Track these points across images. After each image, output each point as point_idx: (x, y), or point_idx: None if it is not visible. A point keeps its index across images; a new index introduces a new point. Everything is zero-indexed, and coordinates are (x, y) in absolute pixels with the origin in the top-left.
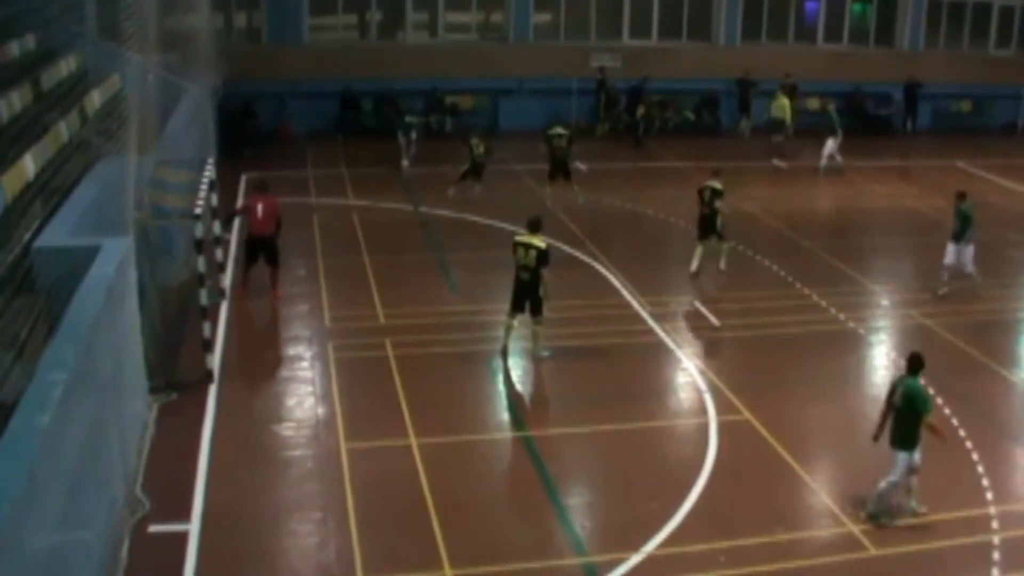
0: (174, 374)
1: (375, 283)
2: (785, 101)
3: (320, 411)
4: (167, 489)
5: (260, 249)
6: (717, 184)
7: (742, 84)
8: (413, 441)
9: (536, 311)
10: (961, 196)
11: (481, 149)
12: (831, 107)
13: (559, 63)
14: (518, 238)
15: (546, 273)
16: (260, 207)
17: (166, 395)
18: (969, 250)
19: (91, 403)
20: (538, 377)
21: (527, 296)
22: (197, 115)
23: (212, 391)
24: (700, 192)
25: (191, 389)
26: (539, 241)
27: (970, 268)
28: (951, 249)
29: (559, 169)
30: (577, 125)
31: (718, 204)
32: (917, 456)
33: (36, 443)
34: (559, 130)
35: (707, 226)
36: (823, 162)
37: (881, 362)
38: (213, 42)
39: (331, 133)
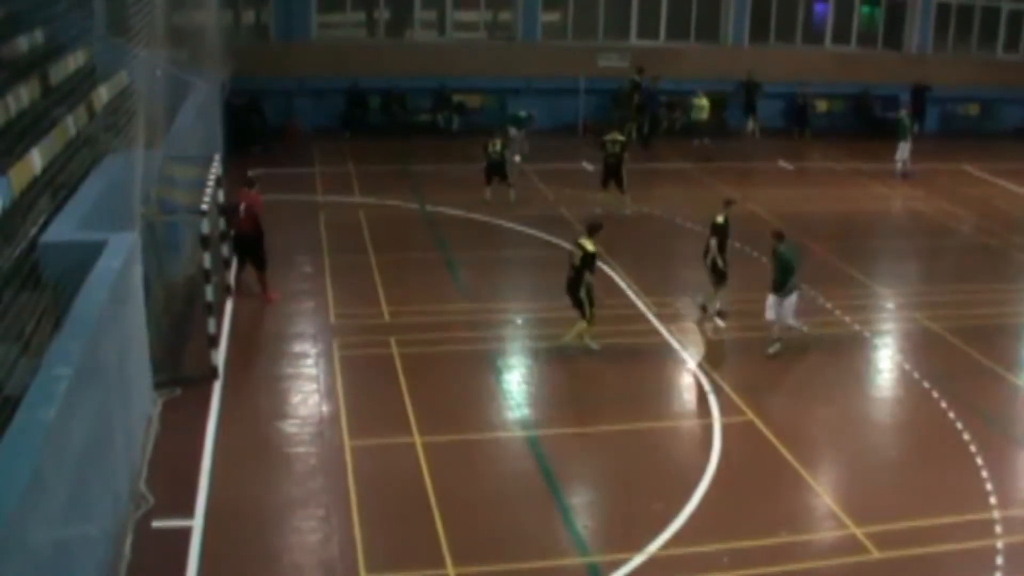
0: (179, 370)
1: (381, 281)
2: (704, 102)
3: (324, 408)
4: (171, 484)
5: (243, 247)
6: (720, 218)
7: (747, 86)
8: (417, 439)
9: (577, 307)
10: (778, 236)
11: (498, 147)
12: (902, 113)
13: (567, 63)
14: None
15: (588, 276)
16: (242, 205)
17: (171, 391)
18: (791, 300)
19: (96, 398)
20: (542, 377)
21: (570, 292)
22: (204, 111)
23: (217, 387)
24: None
25: (196, 385)
26: (589, 244)
27: (792, 321)
28: (771, 301)
29: (612, 176)
30: (587, 125)
31: (712, 242)
32: None
33: (41, 437)
34: (615, 136)
35: (713, 266)
36: (907, 167)
37: (886, 365)
38: (221, 38)
39: (338, 130)
